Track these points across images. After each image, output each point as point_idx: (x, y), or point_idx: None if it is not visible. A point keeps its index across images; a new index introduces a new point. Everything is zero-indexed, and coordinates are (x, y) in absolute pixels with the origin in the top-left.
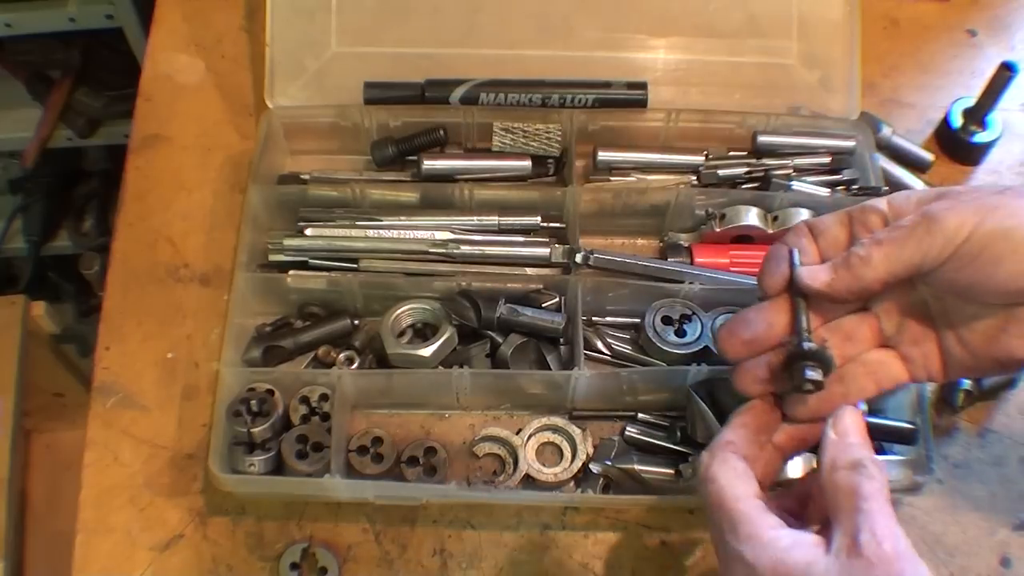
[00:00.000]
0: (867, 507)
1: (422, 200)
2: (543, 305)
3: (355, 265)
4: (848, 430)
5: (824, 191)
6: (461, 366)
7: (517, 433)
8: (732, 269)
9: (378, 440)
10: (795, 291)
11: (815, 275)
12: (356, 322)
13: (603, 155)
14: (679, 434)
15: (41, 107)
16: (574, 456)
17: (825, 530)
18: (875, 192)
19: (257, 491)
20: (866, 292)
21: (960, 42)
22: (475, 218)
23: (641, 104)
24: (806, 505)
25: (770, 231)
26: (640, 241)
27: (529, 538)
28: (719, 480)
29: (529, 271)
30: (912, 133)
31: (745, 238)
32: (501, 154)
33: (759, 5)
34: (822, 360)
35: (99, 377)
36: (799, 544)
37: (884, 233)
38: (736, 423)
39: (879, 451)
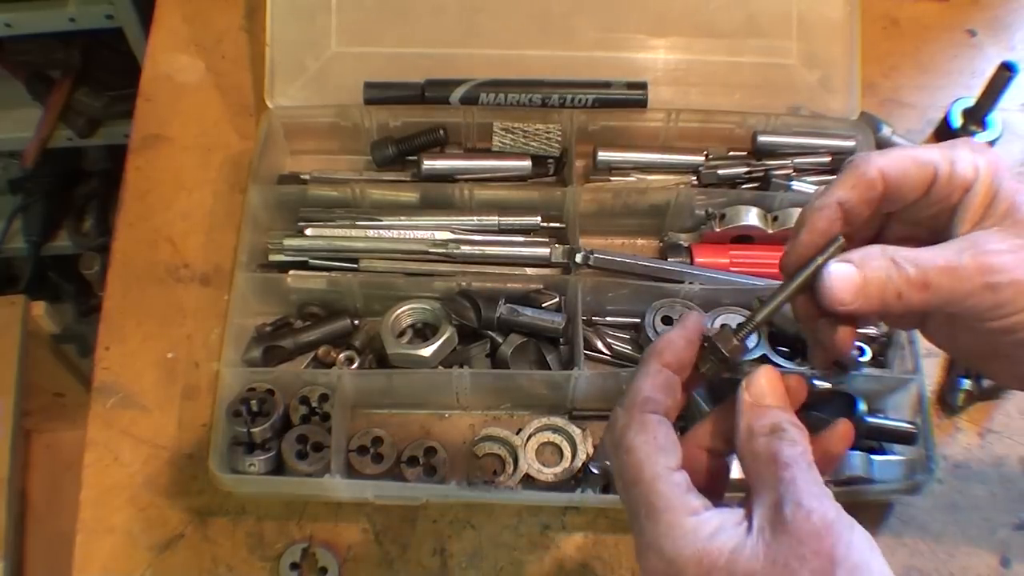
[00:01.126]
0: (788, 475)
1: (422, 200)
2: (543, 305)
3: (355, 265)
4: (764, 392)
5: None
6: (461, 366)
7: (517, 433)
8: (732, 269)
9: (378, 440)
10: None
11: (842, 295)
12: (356, 322)
13: (603, 155)
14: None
15: (41, 107)
16: (574, 456)
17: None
18: None
19: (257, 491)
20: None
21: (960, 42)
22: (475, 218)
23: (641, 104)
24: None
25: (770, 231)
26: (640, 241)
27: (529, 538)
28: (637, 453)
29: (529, 271)
30: (912, 133)
31: (745, 238)
32: (501, 154)
33: (759, 5)
34: (725, 358)
35: (99, 377)
36: (723, 528)
37: (935, 270)
38: (653, 368)
39: (879, 451)
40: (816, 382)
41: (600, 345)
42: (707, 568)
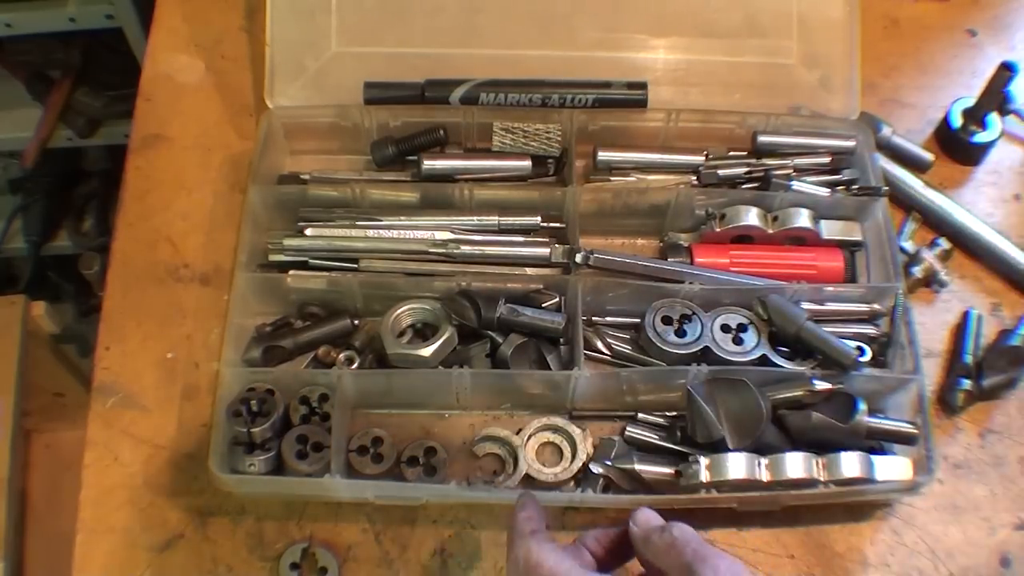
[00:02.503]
0: (693, 549)
1: (422, 200)
2: (543, 305)
3: (355, 265)
4: (649, 519)
5: (824, 191)
6: (461, 366)
7: (517, 433)
8: (732, 269)
9: (378, 440)
10: None
11: None
12: (356, 322)
13: (603, 155)
14: (679, 434)
15: (41, 107)
16: (574, 456)
17: None
18: (875, 192)
19: (257, 491)
20: None
21: (960, 42)
22: (475, 218)
23: (641, 104)
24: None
25: (770, 231)
26: (640, 241)
27: None
28: (547, 563)
29: (529, 271)
30: (912, 133)
31: (745, 238)
32: (501, 154)
33: (759, 5)
34: None
35: (99, 377)
36: None
37: None
38: (521, 516)
39: (879, 451)
40: (816, 382)
41: (600, 345)
42: None
